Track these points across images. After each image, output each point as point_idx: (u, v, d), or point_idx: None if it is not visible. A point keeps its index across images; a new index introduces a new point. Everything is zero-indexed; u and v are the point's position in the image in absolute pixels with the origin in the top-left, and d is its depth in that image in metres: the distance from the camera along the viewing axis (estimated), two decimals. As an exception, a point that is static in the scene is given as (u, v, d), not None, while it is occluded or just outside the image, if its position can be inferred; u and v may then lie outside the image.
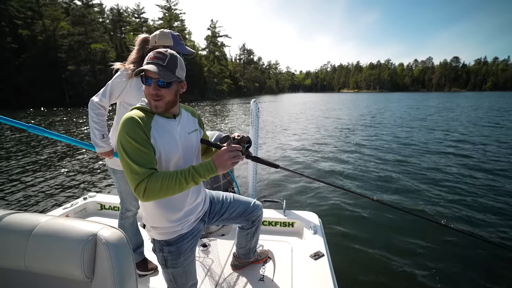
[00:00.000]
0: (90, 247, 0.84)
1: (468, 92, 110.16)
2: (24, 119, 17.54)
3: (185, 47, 1.69)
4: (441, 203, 4.45)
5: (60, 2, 42.12)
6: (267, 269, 1.87)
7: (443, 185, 5.25)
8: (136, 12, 54.11)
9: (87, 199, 2.70)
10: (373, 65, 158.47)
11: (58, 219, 0.93)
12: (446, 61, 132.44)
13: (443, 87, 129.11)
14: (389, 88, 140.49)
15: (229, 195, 1.55)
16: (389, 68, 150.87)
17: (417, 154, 7.73)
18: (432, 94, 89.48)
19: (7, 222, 0.92)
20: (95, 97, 1.62)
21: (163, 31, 1.64)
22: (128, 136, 0.98)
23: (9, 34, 33.09)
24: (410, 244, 3.33)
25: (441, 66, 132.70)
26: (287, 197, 4.60)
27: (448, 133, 11.14)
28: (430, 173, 5.93)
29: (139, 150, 0.98)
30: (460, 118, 16.98)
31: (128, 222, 1.86)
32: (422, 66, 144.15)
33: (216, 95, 57.25)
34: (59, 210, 2.46)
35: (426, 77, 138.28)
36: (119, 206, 1.93)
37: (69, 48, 35.64)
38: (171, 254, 1.20)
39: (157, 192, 0.96)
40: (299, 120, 17.22)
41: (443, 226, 3.35)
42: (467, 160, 7.00)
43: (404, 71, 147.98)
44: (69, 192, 5.11)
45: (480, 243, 3.25)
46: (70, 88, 35.57)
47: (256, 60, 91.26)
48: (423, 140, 9.72)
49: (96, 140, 1.61)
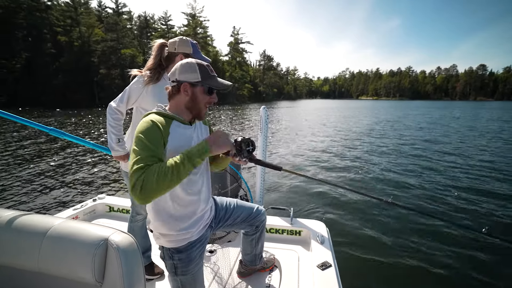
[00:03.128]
0: (101, 252, 0.86)
1: (495, 101, 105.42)
2: (55, 120, 18.54)
3: (202, 55, 1.70)
4: (466, 207, 4.50)
5: (94, 10, 45.08)
6: (274, 277, 1.85)
7: (464, 187, 5.40)
8: (163, 19, 56.64)
9: (96, 200, 2.72)
10: (393, 72, 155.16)
11: (71, 222, 0.95)
12: (471, 69, 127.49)
13: (468, 96, 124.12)
14: (410, 96, 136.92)
15: (232, 200, 1.55)
16: (410, 76, 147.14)
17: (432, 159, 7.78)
18: (456, 103, 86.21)
19: (22, 224, 0.94)
20: (113, 102, 1.65)
21: (183, 39, 1.66)
22: (145, 137, 0.99)
23: (49, 40, 35.84)
24: (425, 255, 3.18)
25: (466, 74, 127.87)
26: (294, 205, 4.53)
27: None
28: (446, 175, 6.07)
29: (148, 149, 0.98)
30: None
31: (137, 226, 1.86)
32: (446, 74, 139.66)
33: (237, 100, 58.34)
34: (69, 211, 2.48)
35: (449, 85, 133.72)
36: (129, 209, 1.95)
37: (102, 53, 37.97)
38: (181, 261, 1.19)
39: (154, 185, 0.90)
40: (318, 126, 17.34)
41: (477, 233, 3.47)
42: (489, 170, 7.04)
43: (426, 79, 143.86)
44: (80, 193, 5.16)
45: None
46: (100, 90, 37.70)
47: (274, 65, 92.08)
48: (438, 144, 9.75)
49: (112, 144, 1.65)
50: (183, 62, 1.13)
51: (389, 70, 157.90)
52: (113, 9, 47.36)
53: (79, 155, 8.13)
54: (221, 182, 2.49)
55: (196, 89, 1.12)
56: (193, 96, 1.12)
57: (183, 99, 1.13)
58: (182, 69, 1.11)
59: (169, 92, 1.16)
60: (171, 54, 1.67)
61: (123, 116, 1.68)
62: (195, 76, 1.10)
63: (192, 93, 1.12)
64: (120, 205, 2.72)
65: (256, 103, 57.95)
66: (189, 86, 1.11)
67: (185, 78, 1.10)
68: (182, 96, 1.13)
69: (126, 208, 2.70)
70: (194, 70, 1.11)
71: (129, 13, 50.42)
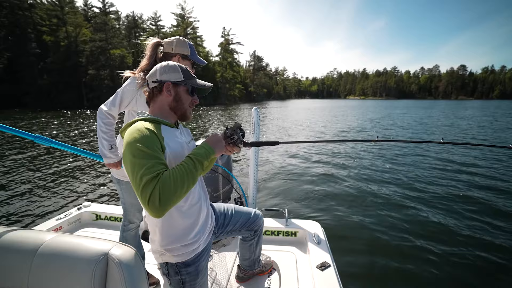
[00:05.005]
0: (101, 267, 0.80)
1: (475, 100, 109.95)
2: (41, 123, 18.13)
3: (199, 57, 1.67)
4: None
5: (80, 10, 43.94)
6: (273, 280, 1.82)
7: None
8: (153, 20, 55.87)
9: (81, 209, 2.57)
10: (379, 72, 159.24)
11: (65, 237, 0.88)
12: (452, 69, 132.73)
13: (450, 95, 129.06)
14: (396, 95, 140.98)
15: (229, 206, 1.52)
16: (396, 76, 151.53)
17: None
18: (439, 101, 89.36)
19: (7, 241, 0.86)
20: (103, 105, 1.54)
21: (180, 39, 1.61)
22: (143, 145, 0.89)
23: (33, 40, 34.68)
24: (421, 249, 3.24)
25: (448, 74, 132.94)
26: (288, 205, 4.47)
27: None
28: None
29: (153, 156, 0.89)
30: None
31: (130, 235, 1.77)
32: (429, 73, 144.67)
33: (228, 100, 58.33)
34: (52, 221, 2.32)
35: (432, 84, 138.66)
36: (118, 217, 1.86)
37: (90, 54, 37.09)
38: (189, 275, 1.13)
39: (172, 194, 0.83)
40: (309, 124, 17.69)
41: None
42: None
43: (410, 79, 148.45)
44: (63, 201, 4.72)
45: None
46: (89, 91, 36.84)
47: (264, 66, 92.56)
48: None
49: (104, 151, 1.55)
50: (163, 64, 1.11)
51: (376, 70, 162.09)
52: (100, 9, 46.29)
53: (60, 160, 7.47)
54: (213, 185, 2.39)
55: (179, 88, 1.10)
56: (177, 96, 1.10)
57: (166, 100, 1.10)
58: (163, 70, 1.09)
59: (149, 94, 1.12)
60: (167, 54, 1.60)
61: (115, 120, 1.58)
62: (178, 75, 1.09)
63: (175, 93, 1.10)
64: (107, 212, 2.57)
65: (247, 103, 58.16)
66: (172, 85, 1.09)
67: (168, 77, 1.08)
68: (165, 97, 1.09)
69: (114, 216, 2.56)
70: (177, 70, 1.10)
71: (116, 12, 49.42)
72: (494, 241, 3.45)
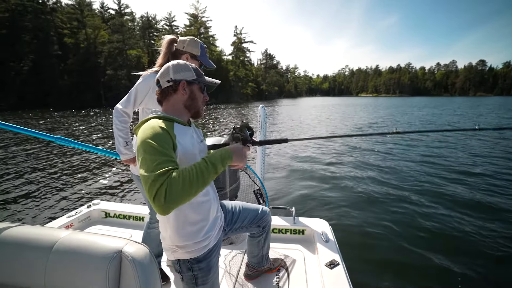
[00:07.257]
0: (115, 265, 0.81)
1: (495, 96, 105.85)
2: (66, 123, 18.82)
3: (208, 60, 1.71)
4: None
5: (97, 12, 45.38)
6: (281, 278, 1.82)
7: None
8: (167, 20, 57.00)
9: (91, 206, 2.61)
10: (392, 69, 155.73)
11: (79, 234, 0.90)
12: (471, 65, 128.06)
13: (468, 91, 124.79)
14: (410, 92, 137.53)
15: (237, 203, 1.54)
16: (410, 72, 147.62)
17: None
18: (456, 98, 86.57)
19: (23, 238, 0.88)
20: (119, 104, 1.59)
21: (194, 39, 1.65)
22: (155, 142, 0.91)
23: (55, 42, 36.20)
24: (429, 248, 3.13)
25: (466, 69, 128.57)
26: (295, 203, 4.35)
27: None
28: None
29: (164, 154, 0.90)
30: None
31: (155, 232, 1.79)
32: (445, 69, 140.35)
33: (241, 99, 58.87)
34: (63, 218, 2.37)
35: (449, 81, 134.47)
36: (126, 214, 1.89)
37: (108, 55, 38.38)
38: (201, 271, 1.15)
39: (179, 192, 0.83)
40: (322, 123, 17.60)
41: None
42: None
43: (425, 75, 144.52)
44: (74, 200, 4.83)
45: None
46: (107, 91, 38.10)
47: (275, 64, 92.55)
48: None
49: (120, 148, 1.62)
50: (174, 62, 1.13)
51: (389, 67, 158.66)
52: (115, 10, 47.61)
53: (71, 159, 7.57)
54: (220, 183, 2.39)
55: (193, 86, 1.13)
56: (192, 94, 1.13)
57: (181, 98, 1.12)
58: (176, 68, 1.11)
59: (162, 93, 1.13)
60: (177, 51, 1.66)
61: (130, 118, 1.64)
62: (191, 74, 1.12)
63: (190, 91, 1.13)
64: (116, 210, 2.62)
65: (259, 102, 58.37)
66: (187, 84, 1.11)
67: (182, 76, 1.10)
68: (180, 95, 1.12)
69: (123, 214, 2.62)
70: (189, 69, 1.12)
71: (131, 13, 50.70)
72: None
